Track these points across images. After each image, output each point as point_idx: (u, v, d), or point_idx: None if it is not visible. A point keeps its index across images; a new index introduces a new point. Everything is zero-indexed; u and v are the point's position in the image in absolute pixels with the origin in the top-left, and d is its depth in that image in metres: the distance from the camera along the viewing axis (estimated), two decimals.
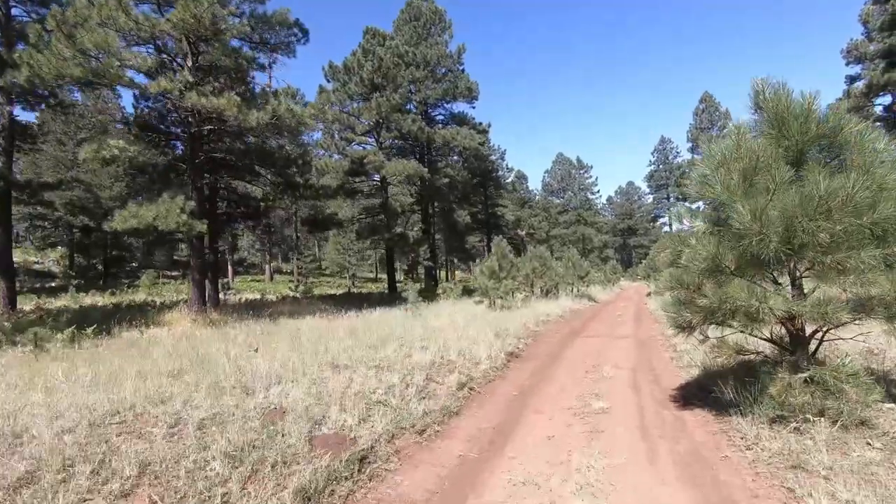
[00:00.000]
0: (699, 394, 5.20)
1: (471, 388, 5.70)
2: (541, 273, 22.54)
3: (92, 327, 10.73)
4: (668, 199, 68.15)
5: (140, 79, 14.46)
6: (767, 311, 3.34)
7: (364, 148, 26.48)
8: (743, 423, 3.83)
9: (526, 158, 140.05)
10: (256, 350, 7.07)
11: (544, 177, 70.65)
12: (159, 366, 6.01)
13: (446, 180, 29.55)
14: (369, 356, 6.64)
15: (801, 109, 3.50)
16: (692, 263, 3.83)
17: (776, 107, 3.62)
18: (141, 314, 15.33)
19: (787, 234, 3.21)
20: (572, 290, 26.85)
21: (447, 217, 32.37)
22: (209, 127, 15.59)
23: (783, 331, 4.14)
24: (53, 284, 34.09)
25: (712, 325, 4.73)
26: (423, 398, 5.03)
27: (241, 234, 61.43)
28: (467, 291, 21.13)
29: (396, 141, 31.34)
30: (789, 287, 3.90)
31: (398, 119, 25.63)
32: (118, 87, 25.91)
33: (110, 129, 13.68)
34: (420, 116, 30.20)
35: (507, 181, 51.18)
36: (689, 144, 57.57)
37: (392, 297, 24.93)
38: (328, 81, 27.17)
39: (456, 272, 57.82)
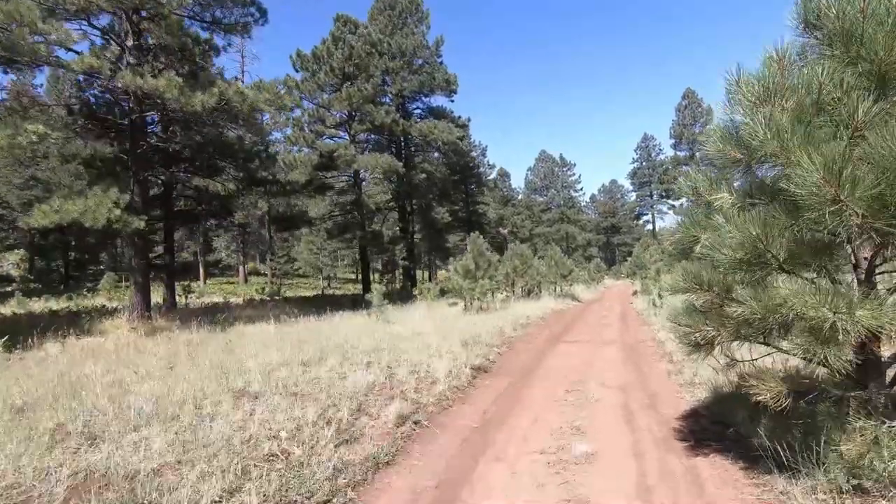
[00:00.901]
0: (713, 429, 3.96)
1: (416, 422, 4.37)
2: (522, 272, 21.35)
3: (2, 339, 9.16)
4: (651, 196, 67.77)
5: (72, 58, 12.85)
6: (849, 325, 2.06)
7: (335, 142, 25.00)
8: (795, 492, 2.56)
9: (509, 156, 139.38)
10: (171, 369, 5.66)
11: (527, 174, 69.81)
12: (6, 395, 4.57)
13: (424, 176, 28.22)
14: (294, 377, 5.28)
15: (887, 12, 2.24)
16: (719, 254, 2.56)
17: (843, 14, 2.36)
18: (76, 322, 13.69)
19: (883, 200, 1.95)
20: (555, 290, 25.74)
21: (425, 215, 31.04)
22: (151, 113, 14.04)
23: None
24: (10, 289, 31.93)
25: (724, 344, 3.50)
26: (343, 443, 3.69)
27: (216, 235, 59.41)
28: (445, 292, 19.83)
29: (371, 136, 29.92)
30: (854, 285, 2.64)
31: (371, 111, 24.20)
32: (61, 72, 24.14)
33: (32, 113, 12.08)
34: (395, 109, 28.83)
35: (489, 178, 50.07)
36: (672, 141, 57.17)
37: (365, 300, 23.53)
38: (297, 71, 25.62)
39: (439, 272, 56.54)
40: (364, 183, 29.72)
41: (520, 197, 66.70)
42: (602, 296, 29.52)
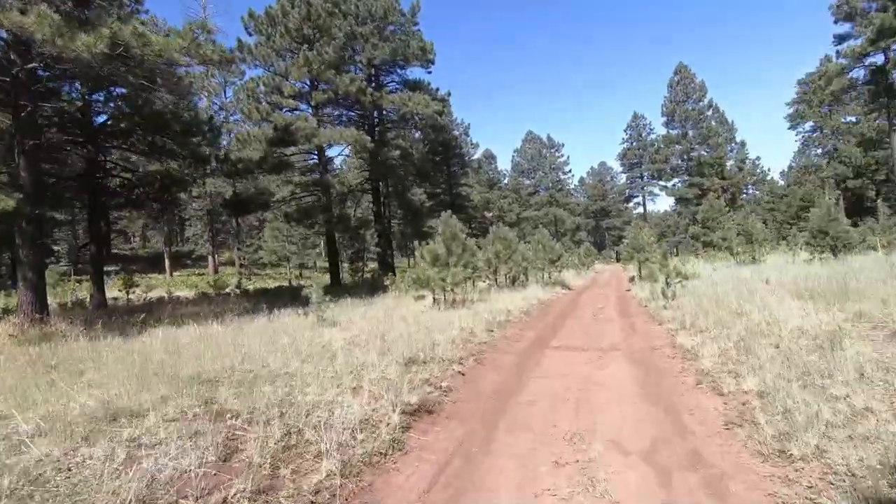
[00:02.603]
0: None
1: None
2: (505, 258, 18.93)
3: None
4: (641, 178, 65.55)
5: None
6: None
7: (294, 114, 22.17)
8: None
9: (495, 137, 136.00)
10: None
11: (514, 156, 67.13)
12: None
13: (398, 153, 25.50)
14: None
15: None
16: None
17: None
18: None
19: None
20: (543, 277, 23.40)
21: (402, 197, 28.39)
22: (34, 65, 11.20)
23: None
24: None
25: None
26: None
27: (188, 223, 56.07)
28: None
29: (343, 111, 27.12)
30: None
31: (334, 79, 21.37)
32: None
33: None
34: (366, 80, 26.00)
35: (473, 159, 47.37)
36: (664, 119, 54.75)
37: (332, 290, 21.02)
38: (249, 35, 22.68)
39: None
40: (336, 163, 27.06)
41: (506, 180, 64.16)
42: (594, 282, 27.27)
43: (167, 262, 43.78)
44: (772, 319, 6.76)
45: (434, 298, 11.95)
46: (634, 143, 64.88)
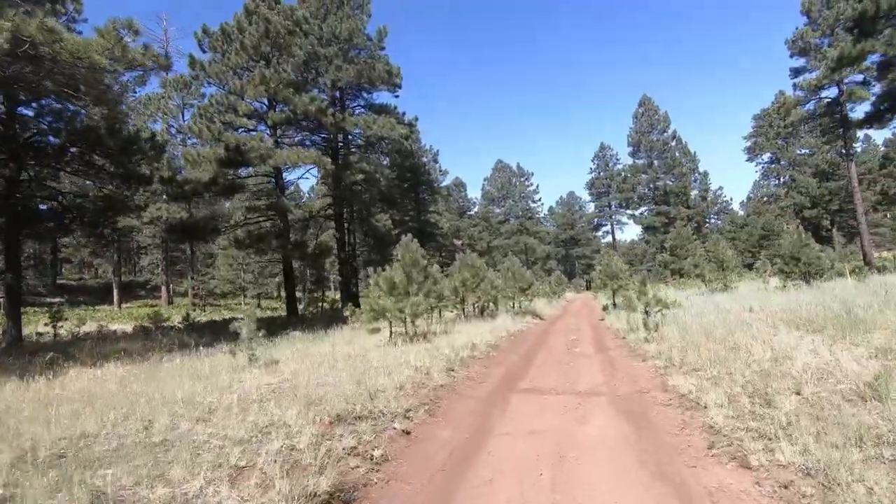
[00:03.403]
0: None
1: None
2: (473, 286, 17.78)
3: None
4: (609, 206, 66.27)
5: None
6: None
7: (249, 134, 20.86)
8: None
9: (465, 167, 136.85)
10: None
11: (484, 184, 67.04)
12: None
13: (361, 177, 24.35)
14: None
15: None
16: None
17: None
18: None
19: None
20: (513, 306, 22.34)
21: (366, 222, 27.10)
22: None
23: None
24: None
25: None
26: None
27: (143, 251, 53.00)
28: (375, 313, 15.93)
29: (305, 135, 25.97)
30: None
31: (294, 99, 20.25)
32: None
33: None
34: (331, 103, 25.07)
35: (442, 185, 46.67)
36: (630, 149, 55.73)
37: (288, 322, 19.37)
38: (204, 52, 21.46)
39: None
40: (304, 190, 25.70)
41: (476, 208, 63.75)
42: (565, 311, 26.36)
43: (115, 293, 40.90)
44: (776, 355, 5.74)
45: (391, 332, 10.61)
46: (602, 173, 65.78)
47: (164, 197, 28.75)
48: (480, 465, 3.76)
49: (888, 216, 54.29)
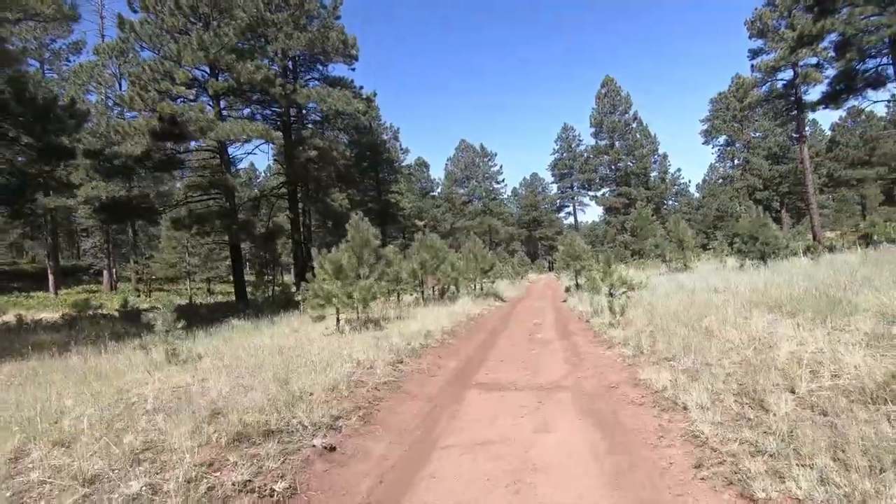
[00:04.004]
0: None
1: None
2: (433, 268, 16.96)
3: None
4: (571, 188, 66.57)
5: None
6: None
7: (188, 104, 19.07)
8: None
9: (428, 147, 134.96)
10: None
11: (447, 165, 65.93)
12: None
13: (314, 153, 22.92)
14: None
15: None
16: None
17: None
18: None
19: None
20: (475, 288, 21.71)
21: (321, 202, 25.71)
22: None
23: None
24: None
25: None
26: None
27: (86, 234, 49.39)
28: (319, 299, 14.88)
29: (257, 109, 24.23)
30: None
31: (236, 66, 18.57)
32: None
33: None
34: (280, 73, 23.38)
35: (404, 164, 45.34)
36: (593, 130, 55.73)
37: (235, 308, 18.04)
38: (135, 13, 19.37)
39: None
40: (260, 170, 23.96)
41: (439, 189, 62.71)
42: (528, 292, 26.00)
43: (51, 279, 37.93)
44: (756, 343, 5.18)
45: (339, 319, 9.67)
46: (565, 154, 65.84)
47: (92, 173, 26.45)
48: (417, 498, 2.95)
49: (832, 198, 56.71)
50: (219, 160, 20.42)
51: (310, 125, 27.31)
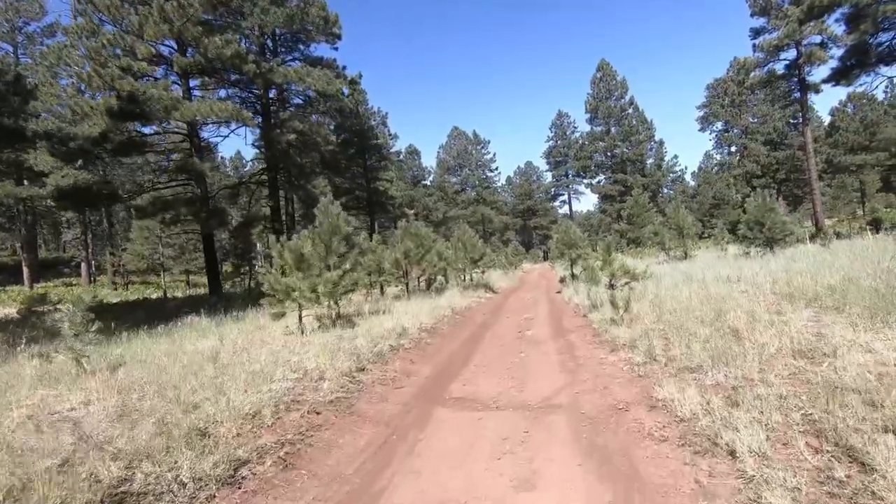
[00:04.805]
0: None
1: None
2: (417, 258, 15.73)
3: None
4: (566, 175, 65.28)
5: None
6: None
7: (153, 82, 17.59)
8: None
9: (419, 135, 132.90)
10: None
11: (439, 153, 64.41)
12: None
13: (293, 136, 21.52)
14: None
15: None
16: None
17: None
18: None
19: None
20: (464, 279, 20.54)
21: (302, 189, 24.32)
22: None
23: None
24: None
25: None
26: None
27: (67, 225, 47.78)
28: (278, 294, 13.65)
29: (234, 90, 22.80)
30: None
31: (204, 41, 17.10)
32: None
33: None
34: (260, 52, 21.94)
35: (393, 151, 43.82)
36: (588, 115, 54.35)
37: (204, 303, 16.78)
38: None
39: None
40: (246, 158, 22.62)
41: (431, 177, 61.27)
42: (522, 283, 24.87)
43: (26, 272, 36.43)
44: (802, 348, 4.02)
45: (300, 317, 8.44)
46: (559, 141, 64.46)
47: (81, 162, 24.98)
48: None
49: (830, 185, 55.77)
50: (188, 144, 19.00)
51: (292, 108, 25.87)
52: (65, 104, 17.51)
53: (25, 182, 28.91)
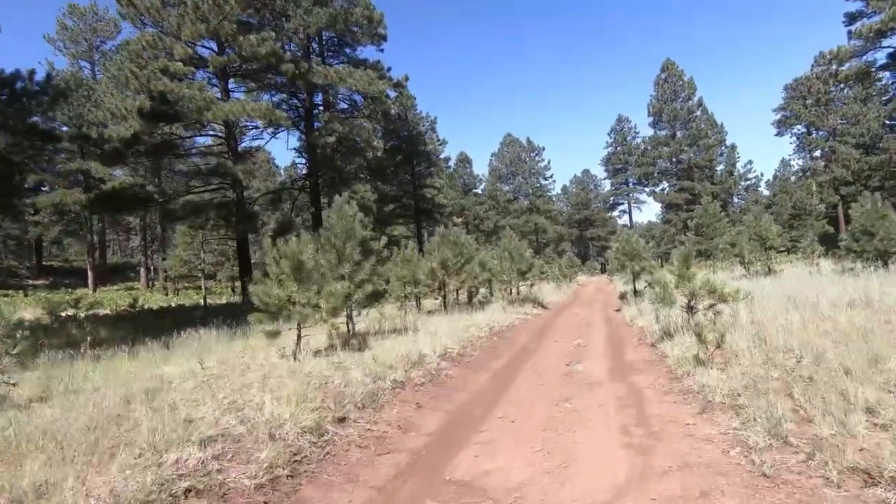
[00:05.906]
0: None
1: None
2: (456, 268, 14.10)
3: None
4: (626, 183, 61.57)
5: None
6: None
7: (188, 83, 17.18)
8: None
9: (470, 142, 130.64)
10: None
11: (491, 160, 62.62)
12: None
13: (333, 139, 20.63)
14: None
15: None
16: None
17: None
18: None
19: None
20: (511, 292, 18.67)
21: (338, 194, 23.38)
22: None
23: None
24: None
25: None
26: None
27: (134, 231, 50.26)
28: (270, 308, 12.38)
29: (277, 94, 22.37)
30: None
31: (240, 39, 16.51)
32: None
33: None
34: (304, 55, 21.37)
35: (441, 157, 42.56)
36: (651, 119, 50.82)
37: (236, 310, 15.95)
38: None
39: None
40: (296, 165, 22.19)
41: (483, 185, 59.57)
42: (576, 297, 22.63)
43: (90, 276, 38.16)
44: None
45: (299, 336, 7.01)
46: (619, 148, 60.99)
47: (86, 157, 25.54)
48: None
49: None
50: (225, 147, 18.49)
51: (336, 112, 25.18)
52: (104, 108, 17.42)
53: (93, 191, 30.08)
